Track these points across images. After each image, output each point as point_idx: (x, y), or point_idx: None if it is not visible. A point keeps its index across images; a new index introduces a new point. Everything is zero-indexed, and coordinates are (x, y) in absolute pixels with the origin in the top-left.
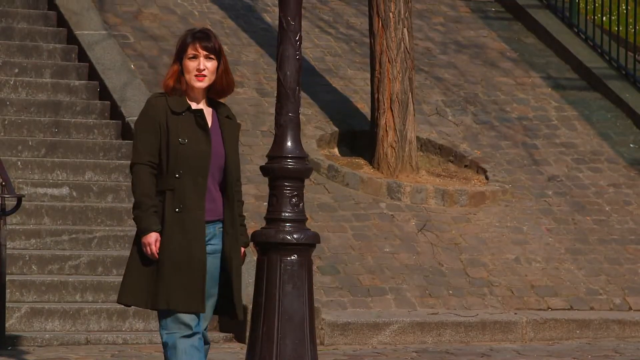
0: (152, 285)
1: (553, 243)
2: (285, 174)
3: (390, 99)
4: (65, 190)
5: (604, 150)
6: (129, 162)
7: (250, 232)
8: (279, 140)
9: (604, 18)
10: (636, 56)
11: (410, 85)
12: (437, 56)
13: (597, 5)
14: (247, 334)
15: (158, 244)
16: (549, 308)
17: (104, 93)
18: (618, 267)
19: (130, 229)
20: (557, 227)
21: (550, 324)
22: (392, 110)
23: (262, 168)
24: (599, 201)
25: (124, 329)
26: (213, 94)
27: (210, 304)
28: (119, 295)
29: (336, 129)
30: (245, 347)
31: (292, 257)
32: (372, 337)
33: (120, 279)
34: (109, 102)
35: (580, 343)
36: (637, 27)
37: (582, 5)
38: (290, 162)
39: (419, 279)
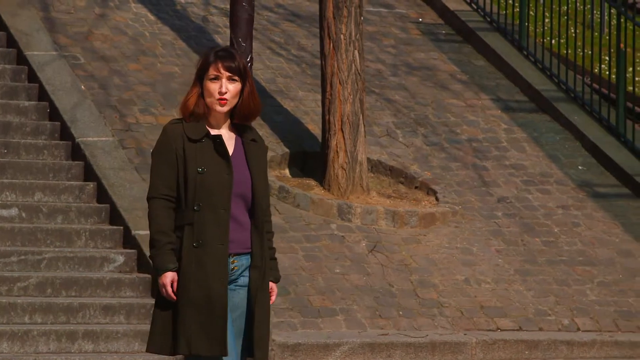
0: (174, 329)
1: (502, 264)
2: None
3: (341, 121)
4: (14, 211)
5: (553, 172)
6: (79, 183)
7: None
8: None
9: (553, 41)
10: (585, 79)
11: (361, 107)
12: (388, 78)
13: (546, 28)
14: None
15: (175, 285)
16: (498, 329)
17: (54, 114)
18: (566, 288)
19: (80, 250)
20: (507, 248)
21: (500, 345)
22: (342, 132)
23: None
24: (548, 222)
25: (73, 351)
26: (239, 119)
27: (241, 341)
28: (147, 343)
29: (287, 150)
30: None
31: None
32: (322, 358)
33: (70, 300)
34: (59, 123)
35: None
36: (586, 51)
37: (531, 28)
38: None
39: (369, 299)
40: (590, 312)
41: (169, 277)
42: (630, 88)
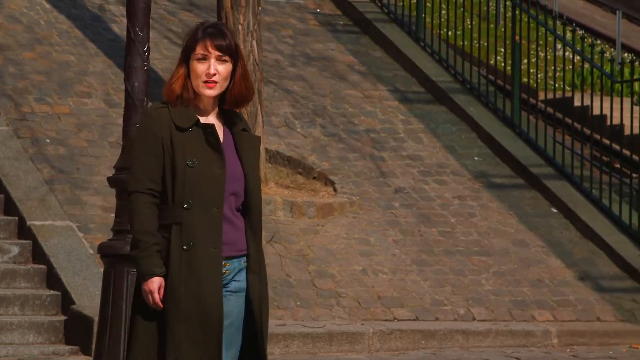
0: (161, 342)
1: (399, 254)
2: None
3: (240, 111)
4: None
5: (449, 163)
6: None
7: (97, 244)
8: (126, 152)
9: (450, 33)
10: (480, 71)
11: (259, 97)
12: (286, 68)
13: (442, 20)
14: (94, 346)
15: (162, 291)
16: (395, 319)
17: None
18: (462, 278)
19: None
20: (404, 239)
21: (396, 335)
22: None
23: (109, 179)
24: (444, 213)
25: None
26: (229, 104)
27: (231, 354)
28: (127, 356)
29: None
30: (91, 359)
31: None
32: None
33: None
34: None
35: (426, 353)
36: (482, 42)
37: (428, 20)
38: None
39: None
40: (485, 301)
41: (156, 283)
42: (525, 80)
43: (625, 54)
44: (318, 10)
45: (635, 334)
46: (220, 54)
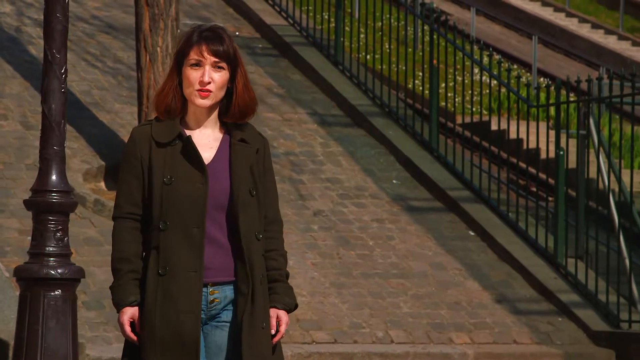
0: None
1: (318, 277)
2: (49, 208)
3: None
4: None
5: (368, 186)
6: None
7: (13, 267)
8: (43, 174)
9: (368, 57)
10: (399, 94)
11: None
12: None
13: (361, 44)
14: None
15: (137, 322)
16: (313, 342)
17: None
18: (381, 300)
19: None
20: (322, 262)
21: (315, 358)
22: None
23: (25, 202)
24: (363, 236)
25: None
26: (233, 117)
27: None
28: None
29: (103, 162)
30: None
31: (56, 292)
32: None
33: None
34: None
35: None
36: (400, 66)
37: (347, 43)
38: (54, 196)
39: None
40: (403, 324)
41: (126, 314)
42: (443, 103)
43: (542, 79)
44: (237, 33)
45: (551, 355)
46: (217, 60)
